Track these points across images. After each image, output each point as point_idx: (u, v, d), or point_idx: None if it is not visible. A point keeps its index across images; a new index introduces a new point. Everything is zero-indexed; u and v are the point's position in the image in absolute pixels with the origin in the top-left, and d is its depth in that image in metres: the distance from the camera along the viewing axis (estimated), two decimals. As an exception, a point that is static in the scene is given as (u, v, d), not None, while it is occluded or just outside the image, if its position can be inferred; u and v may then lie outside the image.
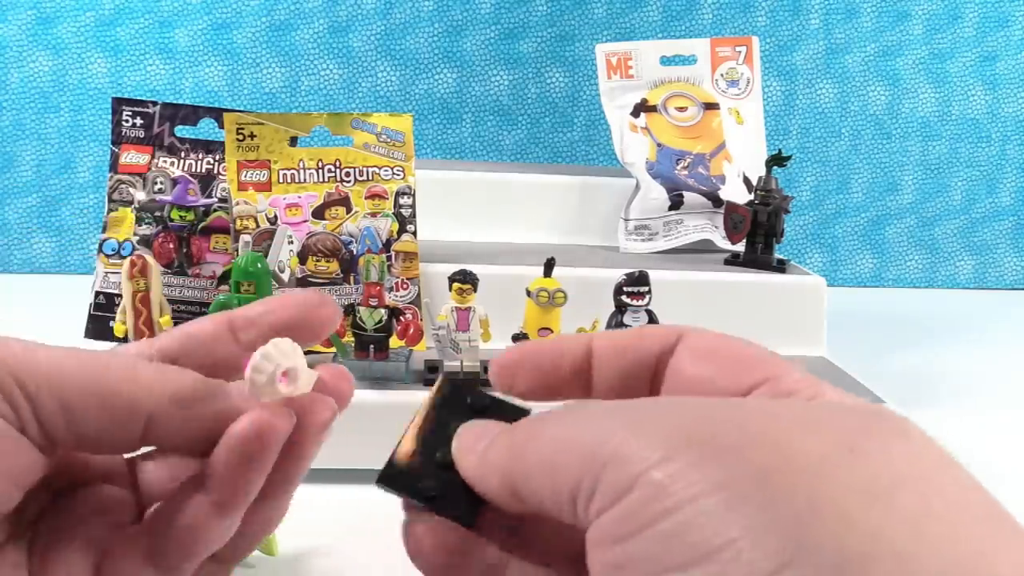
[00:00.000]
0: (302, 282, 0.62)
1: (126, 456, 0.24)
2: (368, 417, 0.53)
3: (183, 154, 0.67)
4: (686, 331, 0.22)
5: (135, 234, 0.65)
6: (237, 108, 0.76)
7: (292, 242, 0.62)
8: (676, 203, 0.76)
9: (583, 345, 0.23)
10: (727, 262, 0.72)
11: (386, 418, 0.54)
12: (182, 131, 0.67)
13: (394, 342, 0.57)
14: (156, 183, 0.66)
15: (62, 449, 0.22)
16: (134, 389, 0.21)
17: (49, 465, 0.21)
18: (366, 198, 0.63)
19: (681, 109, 0.79)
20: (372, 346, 0.56)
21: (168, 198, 0.65)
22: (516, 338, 0.56)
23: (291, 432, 0.22)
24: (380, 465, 0.22)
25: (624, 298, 0.55)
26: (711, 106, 0.80)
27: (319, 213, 0.63)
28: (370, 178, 0.64)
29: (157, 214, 0.64)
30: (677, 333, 0.22)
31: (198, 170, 0.67)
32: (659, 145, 0.78)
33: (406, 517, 0.21)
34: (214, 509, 0.21)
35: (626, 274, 0.55)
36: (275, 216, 0.63)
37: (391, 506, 0.22)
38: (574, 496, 0.17)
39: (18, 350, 0.21)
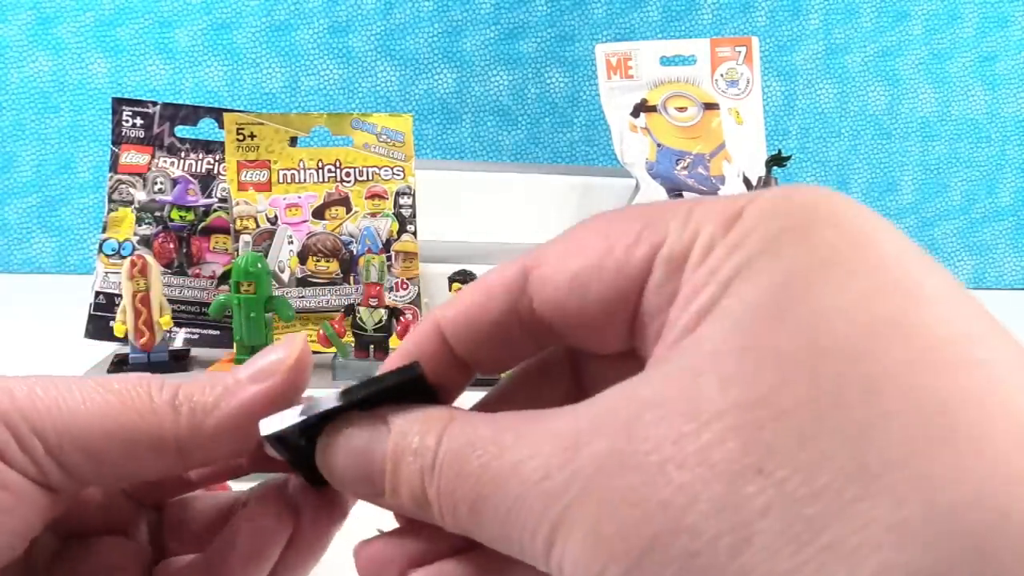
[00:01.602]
0: (302, 282, 0.62)
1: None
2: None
3: (183, 154, 0.67)
4: (532, 261, 0.18)
5: (135, 234, 0.65)
6: (237, 108, 0.76)
7: (292, 242, 0.63)
8: (676, 203, 0.76)
9: (428, 334, 0.20)
10: (727, 262, 0.72)
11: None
12: (182, 131, 0.67)
13: (394, 342, 0.57)
14: (156, 183, 0.66)
15: (95, 487, 0.21)
16: (154, 422, 0.20)
17: (65, 503, 0.21)
18: (366, 198, 0.63)
19: (681, 109, 0.79)
20: (372, 346, 0.56)
21: (168, 198, 0.65)
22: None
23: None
24: None
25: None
26: (711, 106, 0.80)
27: (319, 213, 0.63)
28: (370, 178, 0.64)
29: (157, 214, 0.64)
30: (522, 268, 0.18)
31: (198, 170, 0.67)
32: (659, 145, 0.78)
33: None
34: None
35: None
36: (275, 216, 0.63)
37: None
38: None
39: (37, 399, 0.19)
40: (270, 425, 0.19)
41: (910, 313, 0.14)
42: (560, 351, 0.21)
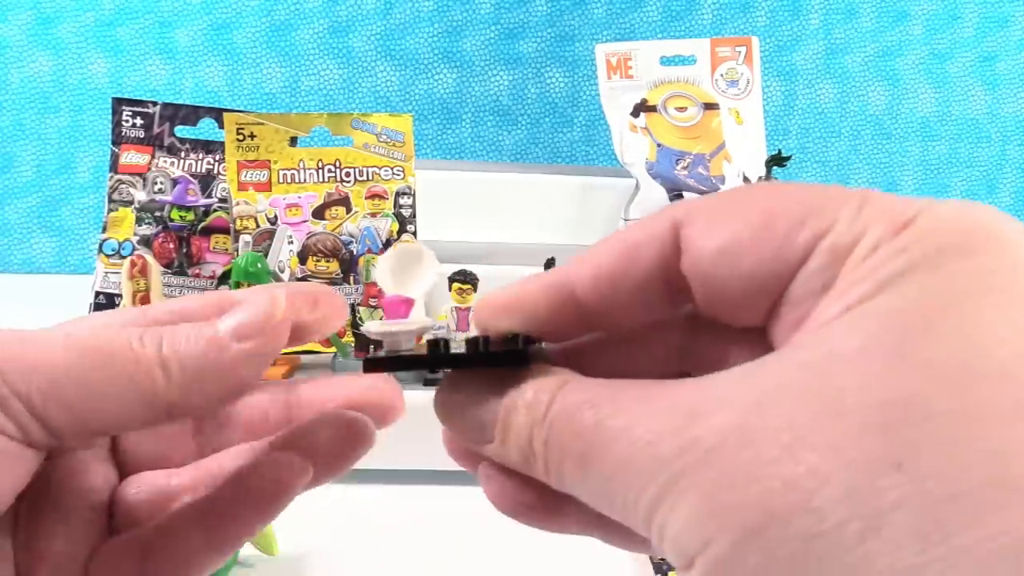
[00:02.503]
0: (302, 282, 0.62)
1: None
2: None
3: (183, 154, 0.67)
4: (682, 217, 0.18)
5: (135, 234, 0.65)
6: (237, 108, 0.76)
7: (292, 242, 0.63)
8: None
9: (556, 290, 0.19)
10: (727, 262, 0.72)
11: (386, 418, 0.54)
12: (182, 131, 0.67)
13: (394, 342, 0.57)
14: (156, 183, 0.66)
15: (75, 439, 0.21)
16: (147, 386, 0.20)
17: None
18: (366, 198, 0.63)
19: (681, 109, 0.79)
20: (372, 346, 0.56)
21: (168, 198, 0.65)
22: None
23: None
24: (381, 465, 0.22)
25: (624, 298, 0.55)
26: (711, 106, 0.80)
27: (319, 213, 0.63)
28: (370, 178, 0.64)
29: (157, 214, 0.64)
30: (671, 223, 0.18)
31: (198, 170, 0.67)
32: (659, 145, 0.78)
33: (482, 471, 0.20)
34: (212, 550, 0.21)
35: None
36: (275, 216, 0.63)
37: (391, 506, 0.22)
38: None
39: (16, 360, 0.19)
40: (395, 342, 0.20)
41: None
42: (680, 312, 0.20)
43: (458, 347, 0.19)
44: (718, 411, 0.15)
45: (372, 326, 0.21)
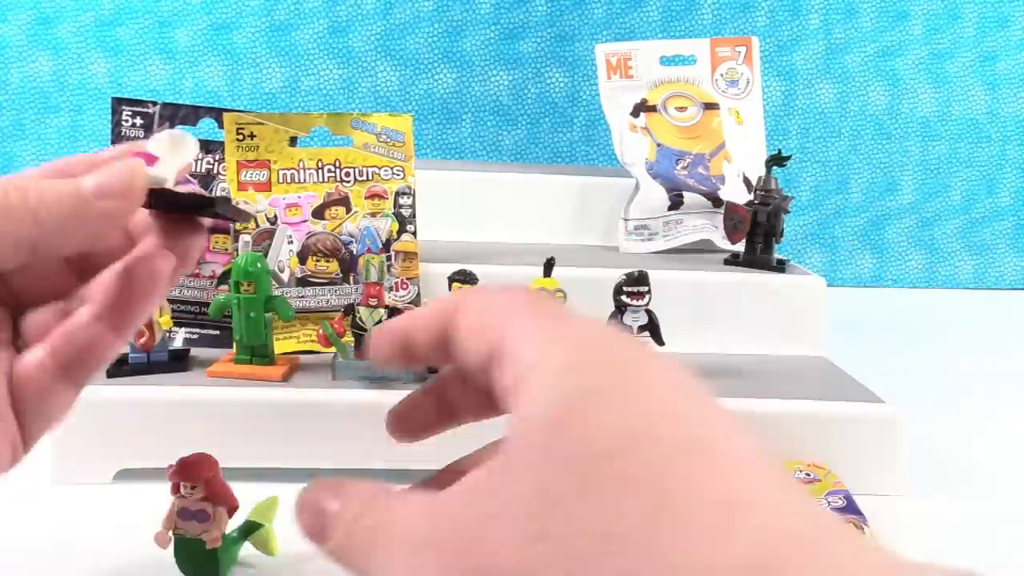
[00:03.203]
0: (302, 282, 0.62)
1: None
2: (368, 417, 0.53)
3: (183, 154, 0.67)
4: (457, 304, 0.23)
5: (135, 234, 0.65)
6: (237, 108, 0.76)
7: (292, 242, 0.62)
8: (676, 203, 0.76)
9: (402, 339, 0.25)
10: (727, 262, 0.72)
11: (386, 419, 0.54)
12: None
13: (394, 342, 0.57)
14: (156, 183, 0.66)
15: None
16: (16, 229, 0.24)
17: None
18: (366, 198, 0.63)
19: (681, 109, 0.79)
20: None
21: (168, 198, 0.65)
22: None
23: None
24: (380, 465, 0.23)
25: (624, 298, 0.55)
26: (711, 106, 0.80)
27: (319, 213, 0.63)
28: (370, 178, 0.64)
29: (157, 214, 0.64)
30: (454, 307, 0.23)
31: (198, 170, 0.67)
32: (659, 145, 0.78)
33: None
34: (115, 335, 0.27)
35: (626, 274, 0.55)
36: (275, 216, 0.63)
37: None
38: None
39: None
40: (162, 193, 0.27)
41: (653, 429, 0.18)
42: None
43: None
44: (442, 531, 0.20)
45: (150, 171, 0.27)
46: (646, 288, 0.55)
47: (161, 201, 0.27)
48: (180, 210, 0.28)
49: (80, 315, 0.27)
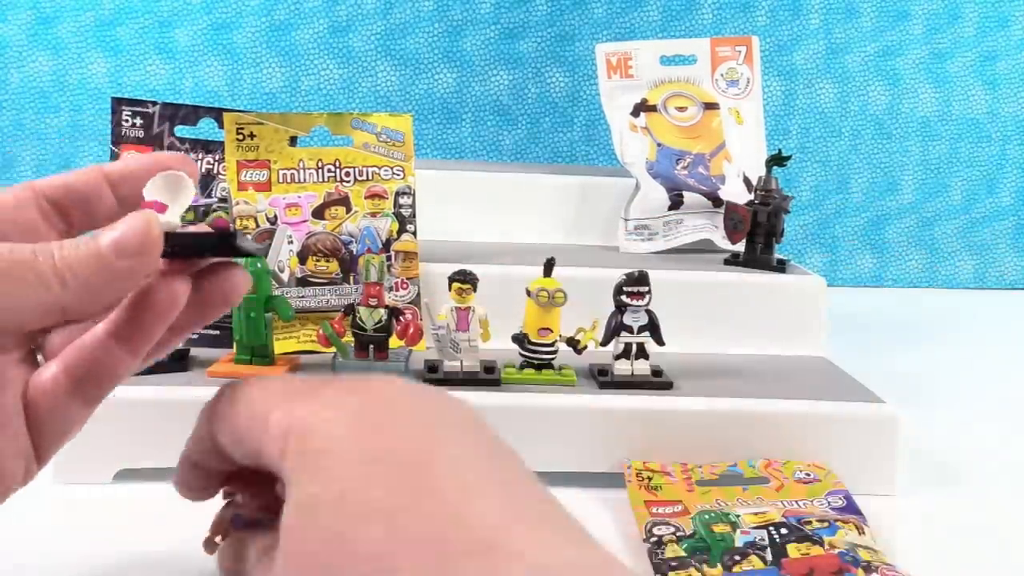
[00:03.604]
0: (302, 282, 0.62)
1: None
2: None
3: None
4: (211, 415, 0.29)
5: (135, 234, 0.65)
6: (237, 108, 0.76)
7: (292, 242, 0.62)
8: (676, 203, 0.76)
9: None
10: (727, 262, 0.72)
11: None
12: (182, 131, 0.67)
13: (394, 342, 0.57)
14: (156, 183, 0.66)
15: None
16: (45, 295, 0.25)
17: None
18: (366, 198, 0.63)
19: (681, 109, 0.79)
20: (372, 346, 0.56)
21: (168, 198, 0.65)
22: (516, 338, 0.56)
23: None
24: None
25: (624, 298, 0.55)
26: (711, 106, 0.80)
27: (319, 213, 0.63)
28: (370, 178, 0.64)
29: (157, 214, 0.64)
30: (205, 420, 0.30)
31: (198, 170, 0.67)
32: (659, 145, 0.78)
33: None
34: (129, 354, 0.27)
35: (626, 274, 0.55)
36: (275, 216, 0.63)
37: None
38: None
39: None
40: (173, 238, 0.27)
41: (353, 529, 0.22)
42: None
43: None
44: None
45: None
46: (646, 288, 0.55)
47: (178, 246, 0.27)
48: (199, 255, 0.28)
49: (95, 332, 0.27)
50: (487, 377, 0.55)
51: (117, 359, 0.27)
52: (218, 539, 0.38)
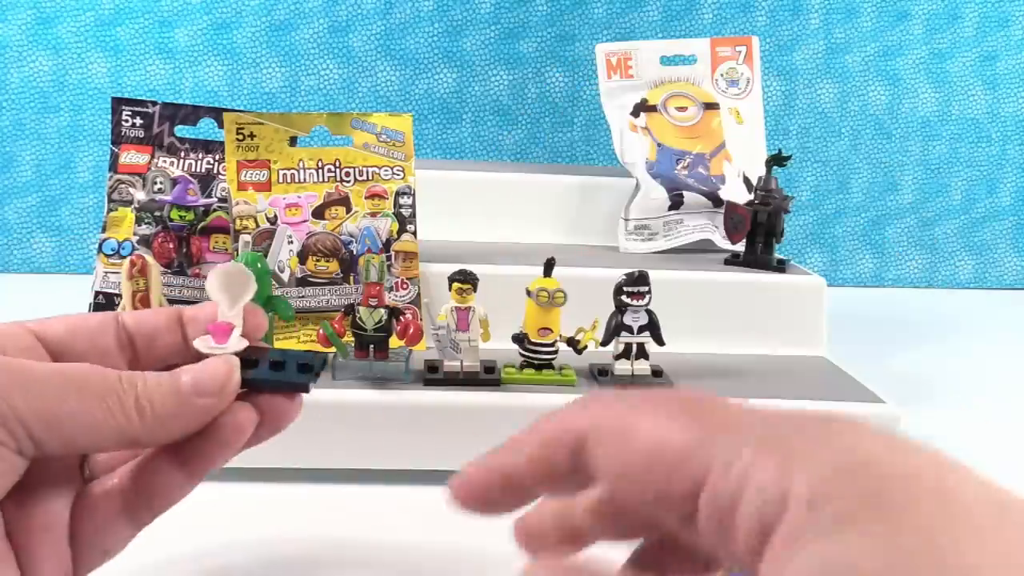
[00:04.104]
0: (302, 282, 0.62)
1: None
2: (368, 417, 0.53)
3: (183, 154, 0.67)
4: (587, 431, 0.22)
5: (135, 234, 0.65)
6: (237, 108, 0.76)
7: (292, 242, 0.62)
8: (676, 203, 0.76)
9: (524, 462, 0.24)
10: (727, 262, 0.72)
11: (386, 419, 0.54)
12: (182, 131, 0.67)
13: (394, 342, 0.57)
14: (156, 183, 0.66)
15: (56, 454, 0.25)
16: (123, 423, 0.25)
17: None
18: (366, 198, 0.63)
19: (681, 109, 0.79)
20: (372, 346, 0.56)
21: (168, 198, 0.65)
22: (516, 338, 0.56)
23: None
24: (379, 465, 0.23)
25: (624, 298, 0.55)
26: (711, 106, 0.80)
27: (319, 213, 0.63)
28: (370, 178, 0.64)
29: (157, 214, 0.64)
30: (576, 436, 0.22)
31: (198, 170, 0.67)
32: (659, 145, 0.78)
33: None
34: (187, 479, 0.27)
35: (626, 274, 0.55)
36: (275, 216, 0.63)
37: (392, 505, 0.22)
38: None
39: (14, 381, 0.24)
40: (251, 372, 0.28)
41: None
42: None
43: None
44: None
45: (200, 344, 0.28)
46: (646, 288, 0.55)
47: (255, 383, 0.28)
48: (271, 390, 0.28)
49: (155, 454, 0.27)
50: (487, 377, 0.55)
51: (175, 483, 0.27)
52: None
